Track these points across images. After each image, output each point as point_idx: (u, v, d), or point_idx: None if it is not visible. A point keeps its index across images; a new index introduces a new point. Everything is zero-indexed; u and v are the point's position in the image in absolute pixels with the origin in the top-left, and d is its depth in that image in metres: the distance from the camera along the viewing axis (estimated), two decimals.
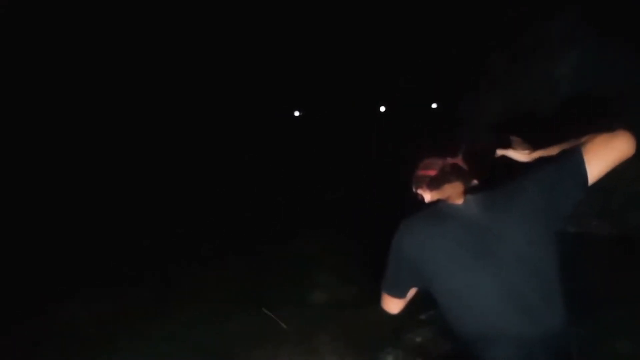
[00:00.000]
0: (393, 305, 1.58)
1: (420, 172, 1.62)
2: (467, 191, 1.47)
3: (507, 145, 1.68)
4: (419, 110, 16.84)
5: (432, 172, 1.56)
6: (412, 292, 1.55)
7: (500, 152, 1.67)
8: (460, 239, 1.36)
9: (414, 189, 1.65)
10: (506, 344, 1.29)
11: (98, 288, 4.57)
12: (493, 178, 1.53)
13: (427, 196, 1.57)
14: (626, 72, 5.07)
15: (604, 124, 1.50)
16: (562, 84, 5.38)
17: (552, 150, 1.55)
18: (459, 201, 1.44)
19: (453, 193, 1.48)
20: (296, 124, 21.41)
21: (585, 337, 2.92)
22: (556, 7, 5.59)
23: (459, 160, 1.58)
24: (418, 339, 3.22)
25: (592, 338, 2.96)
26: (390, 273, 1.52)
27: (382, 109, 20.91)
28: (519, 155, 1.65)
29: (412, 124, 14.87)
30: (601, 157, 1.37)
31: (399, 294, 1.53)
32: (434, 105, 15.27)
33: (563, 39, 5.40)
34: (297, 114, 21.90)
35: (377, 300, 3.83)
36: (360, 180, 8.90)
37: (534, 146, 1.65)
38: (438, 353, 3.05)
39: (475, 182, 1.54)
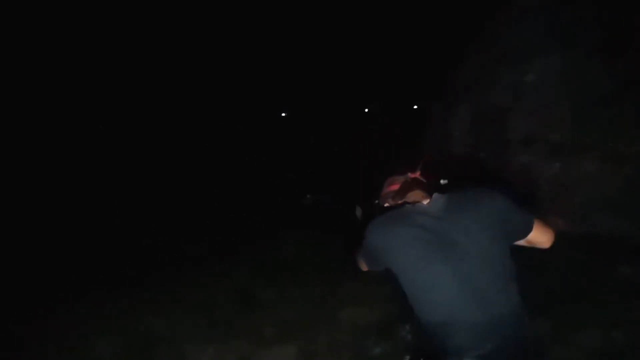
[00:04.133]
0: (362, 268, 1.85)
1: (386, 190, 1.76)
2: (430, 194, 1.63)
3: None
4: (401, 111, 17.11)
5: (395, 187, 1.71)
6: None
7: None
8: (426, 231, 1.49)
9: (380, 205, 1.79)
10: (463, 331, 1.42)
11: (91, 288, 4.61)
12: (447, 188, 1.70)
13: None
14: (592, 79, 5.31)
15: None
16: (530, 90, 5.59)
17: None
18: (425, 201, 1.60)
19: (416, 199, 1.64)
20: (283, 124, 21.53)
21: (550, 331, 3.10)
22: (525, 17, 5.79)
23: (417, 174, 1.73)
24: (406, 333, 3.26)
25: (557, 331, 3.14)
26: (364, 254, 1.73)
27: (366, 110, 21.26)
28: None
29: (395, 123, 15.12)
30: (540, 233, 1.66)
31: (373, 267, 1.75)
32: (415, 107, 15.58)
33: (530, 47, 5.60)
34: (283, 114, 22.11)
35: (362, 297, 3.90)
36: (344, 180, 8.97)
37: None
38: (425, 347, 3.12)
39: (433, 189, 1.68)
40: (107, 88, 13.95)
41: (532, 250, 1.73)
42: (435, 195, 1.60)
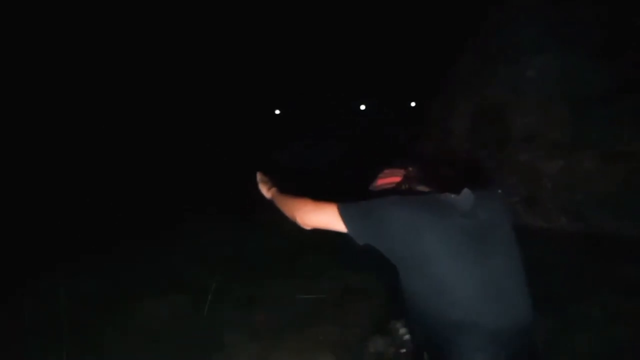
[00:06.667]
0: (322, 222, 1.49)
1: (381, 182, 1.65)
2: (452, 188, 1.49)
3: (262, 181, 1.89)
4: (397, 108, 17.16)
5: (396, 179, 1.61)
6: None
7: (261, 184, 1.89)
8: (458, 225, 1.36)
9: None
10: (481, 335, 1.32)
11: (84, 265, 4.67)
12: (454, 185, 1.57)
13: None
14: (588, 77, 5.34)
15: None
16: (529, 88, 5.62)
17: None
18: (452, 195, 1.45)
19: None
20: (277, 121, 21.60)
21: (551, 329, 3.12)
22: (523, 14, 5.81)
23: (417, 169, 1.63)
24: (402, 329, 3.26)
25: (558, 330, 3.15)
26: (361, 218, 1.43)
27: (362, 107, 21.37)
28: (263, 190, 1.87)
29: (391, 121, 15.19)
30: None
31: (367, 238, 1.44)
32: (412, 104, 15.64)
33: (529, 45, 5.62)
34: (277, 112, 22.16)
35: (362, 292, 3.90)
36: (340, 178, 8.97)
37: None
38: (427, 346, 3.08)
39: (436, 184, 1.58)
40: (102, 85, 13.92)
41: (533, 249, 1.66)
42: (465, 190, 1.45)
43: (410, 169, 1.62)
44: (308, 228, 1.56)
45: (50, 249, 5.29)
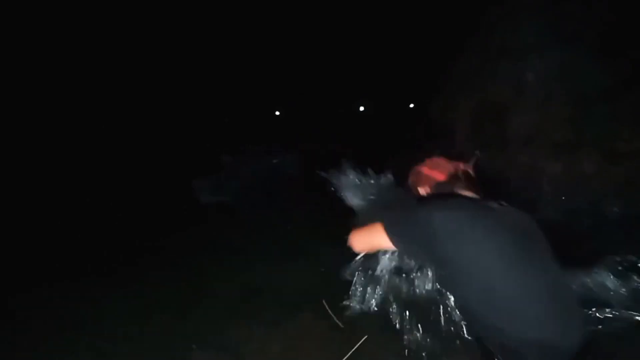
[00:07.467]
0: (371, 245, 1.47)
1: (426, 171, 1.55)
2: (479, 194, 1.43)
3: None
4: (397, 110, 17.17)
5: (440, 177, 1.50)
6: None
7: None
8: (507, 239, 1.28)
9: (410, 182, 1.60)
10: (539, 350, 1.24)
11: (83, 266, 4.67)
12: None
13: (424, 193, 1.54)
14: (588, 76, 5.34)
15: None
16: (529, 87, 5.61)
17: None
18: (492, 203, 1.38)
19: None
20: (278, 121, 21.63)
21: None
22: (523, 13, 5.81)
23: (469, 168, 1.50)
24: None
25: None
26: (408, 236, 1.36)
27: (361, 108, 21.45)
28: None
29: (390, 122, 15.18)
30: None
31: (406, 248, 1.40)
32: (411, 105, 15.65)
33: (529, 44, 5.62)
34: (277, 113, 22.21)
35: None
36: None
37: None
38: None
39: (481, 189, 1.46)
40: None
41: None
42: (503, 201, 1.38)
43: (462, 166, 1.50)
44: (361, 253, 1.53)
45: (49, 251, 5.29)
